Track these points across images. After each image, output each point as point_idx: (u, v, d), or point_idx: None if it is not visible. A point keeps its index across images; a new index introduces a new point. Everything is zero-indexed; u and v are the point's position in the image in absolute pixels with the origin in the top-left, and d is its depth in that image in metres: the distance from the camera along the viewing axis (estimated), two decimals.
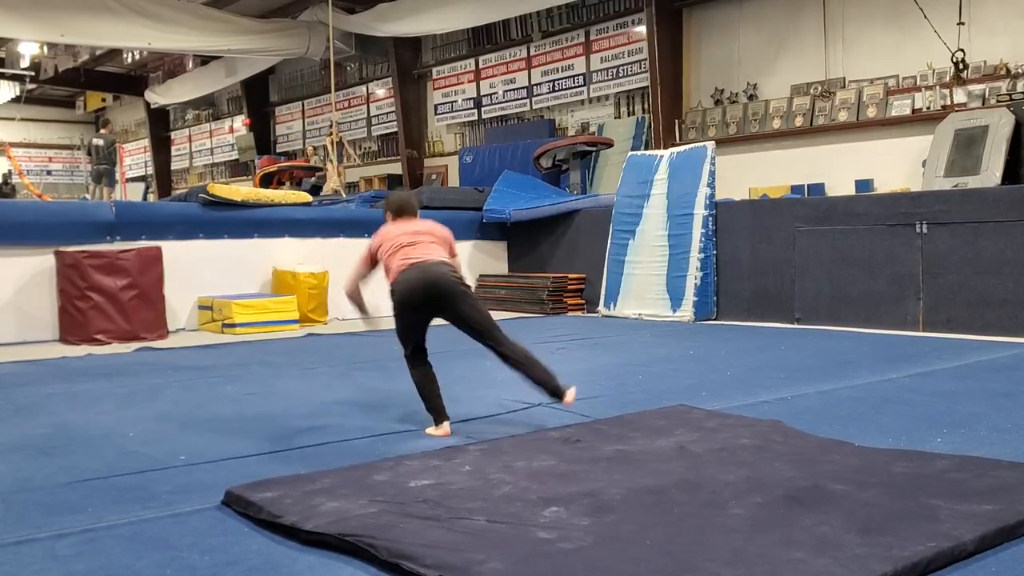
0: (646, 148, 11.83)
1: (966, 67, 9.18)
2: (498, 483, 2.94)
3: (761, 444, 3.40)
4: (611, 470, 3.09)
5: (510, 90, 14.52)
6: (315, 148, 16.30)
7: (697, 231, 8.27)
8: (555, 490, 2.84)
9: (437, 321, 3.95)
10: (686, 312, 8.21)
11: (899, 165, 9.75)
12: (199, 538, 2.58)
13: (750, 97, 11.43)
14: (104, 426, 4.15)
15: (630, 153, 9.90)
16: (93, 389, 5.20)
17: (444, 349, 4.28)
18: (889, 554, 2.23)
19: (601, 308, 9.02)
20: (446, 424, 3.84)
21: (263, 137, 19.96)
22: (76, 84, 22.28)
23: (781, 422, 3.74)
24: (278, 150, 19.48)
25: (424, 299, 3.81)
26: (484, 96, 14.97)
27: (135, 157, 24.66)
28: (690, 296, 8.20)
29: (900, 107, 9.90)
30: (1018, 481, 2.84)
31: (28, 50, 18.76)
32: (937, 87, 9.52)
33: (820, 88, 10.66)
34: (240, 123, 20.57)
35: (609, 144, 12.09)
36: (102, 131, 15.28)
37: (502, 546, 2.36)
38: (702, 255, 8.22)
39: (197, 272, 8.43)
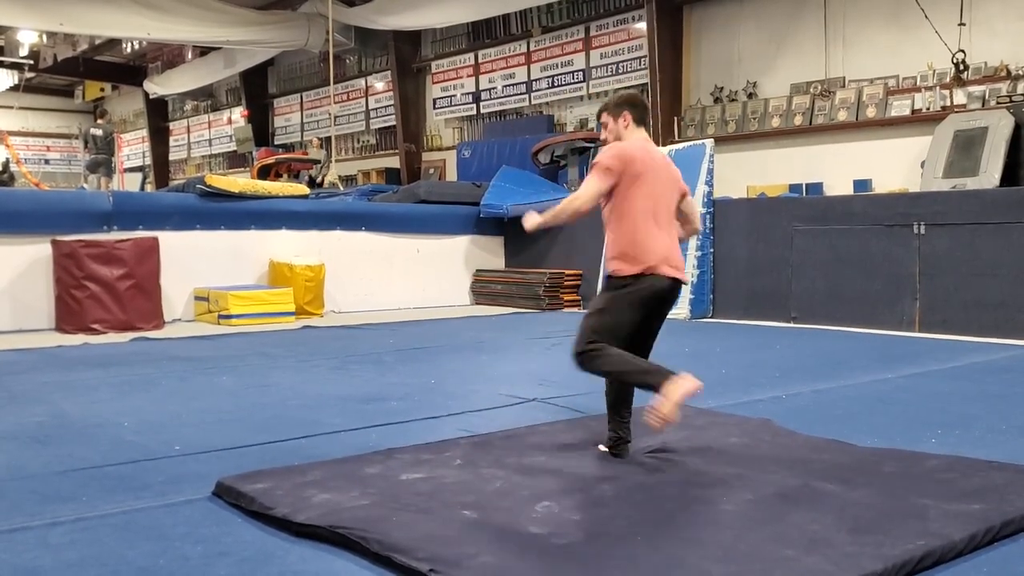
0: None
1: (966, 68, 9.17)
2: (490, 478, 2.94)
3: (750, 443, 3.42)
4: (602, 467, 3.09)
5: (509, 85, 14.49)
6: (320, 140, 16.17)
7: None
8: (546, 485, 2.85)
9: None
10: (682, 310, 8.21)
11: (898, 165, 9.75)
12: (192, 528, 2.58)
13: (750, 95, 11.42)
14: (99, 415, 4.15)
15: None
16: (88, 378, 5.19)
17: (435, 344, 4.28)
18: (879, 552, 2.23)
19: None
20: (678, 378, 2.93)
21: (261, 129, 19.92)
22: (75, 73, 22.18)
23: (771, 421, 3.75)
24: (276, 142, 19.44)
25: (660, 302, 3.11)
26: (483, 91, 14.95)
27: (133, 147, 24.60)
28: (686, 294, 8.21)
29: (900, 107, 9.90)
30: (1006, 481, 2.85)
31: (27, 38, 18.67)
32: (937, 88, 9.52)
33: (820, 87, 10.65)
34: (238, 114, 20.51)
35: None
36: (99, 121, 15.24)
37: (494, 540, 2.36)
38: (699, 253, 8.22)
39: (194, 263, 8.42)
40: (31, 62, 19.95)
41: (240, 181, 9.55)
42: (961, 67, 9.13)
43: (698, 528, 2.47)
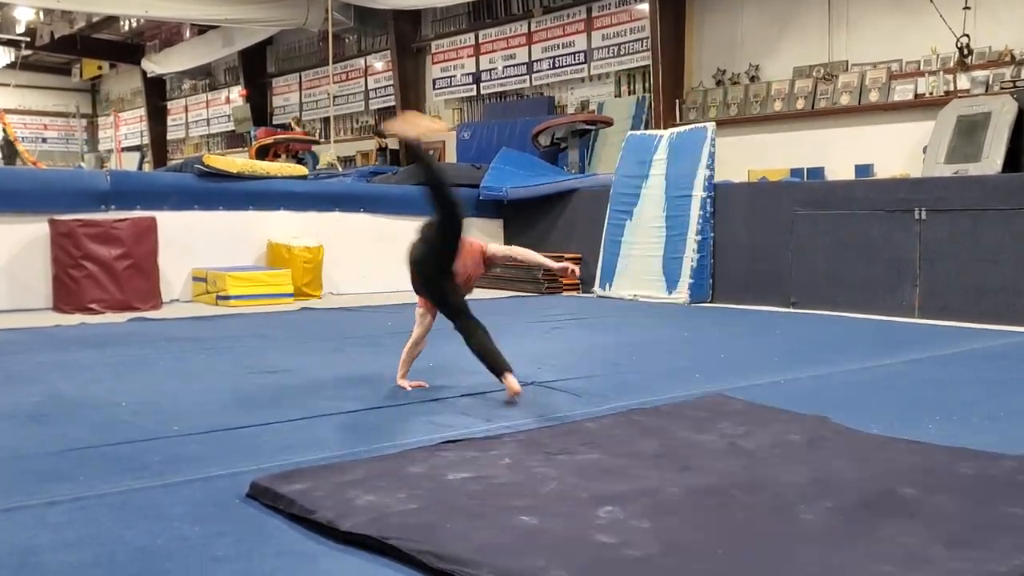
0: (646, 128, 11.77)
1: (970, 53, 9.11)
2: (543, 478, 2.77)
3: (813, 440, 3.23)
4: (660, 466, 2.91)
5: (510, 66, 14.40)
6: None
7: (695, 213, 8.24)
8: (605, 487, 2.66)
9: None
10: (681, 294, 8.20)
11: (900, 150, 9.71)
12: (191, 508, 2.57)
13: (752, 78, 11.35)
14: (96, 395, 4.14)
15: (629, 133, 9.84)
16: (86, 358, 5.18)
17: (433, 327, 4.27)
18: (984, 569, 2.07)
19: (596, 288, 9.01)
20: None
21: (260, 108, 19.81)
22: (72, 51, 22.03)
23: (828, 418, 3.57)
24: (275, 122, 19.34)
25: None
26: (483, 71, 14.86)
27: (131, 126, 24.48)
28: (686, 278, 8.19)
29: (903, 92, 9.85)
30: None
31: (24, 15, 18.52)
32: (941, 72, 9.46)
33: (822, 71, 10.59)
34: (237, 94, 20.39)
35: (609, 123, 12.00)
36: None
37: (561, 550, 2.20)
38: (699, 237, 8.20)
39: (192, 243, 8.39)
40: (28, 40, 19.80)
41: (238, 161, 9.50)
42: (965, 52, 9.07)
43: (781, 540, 2.29)
